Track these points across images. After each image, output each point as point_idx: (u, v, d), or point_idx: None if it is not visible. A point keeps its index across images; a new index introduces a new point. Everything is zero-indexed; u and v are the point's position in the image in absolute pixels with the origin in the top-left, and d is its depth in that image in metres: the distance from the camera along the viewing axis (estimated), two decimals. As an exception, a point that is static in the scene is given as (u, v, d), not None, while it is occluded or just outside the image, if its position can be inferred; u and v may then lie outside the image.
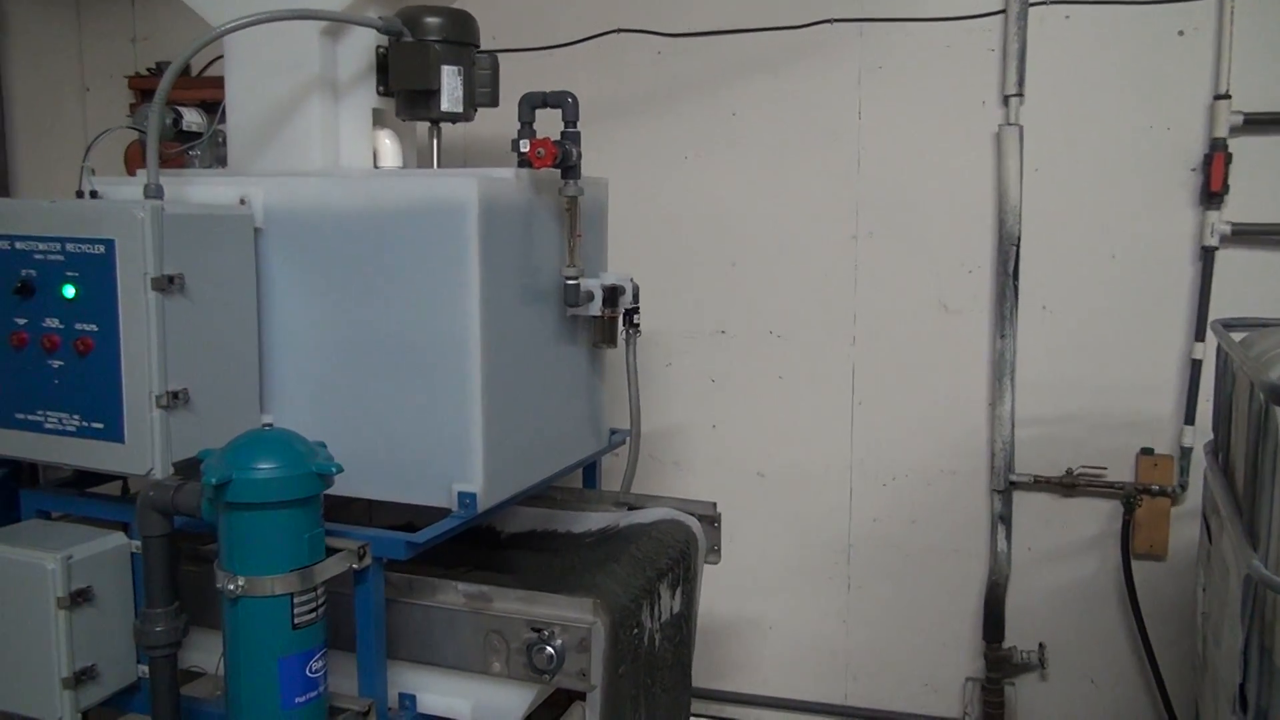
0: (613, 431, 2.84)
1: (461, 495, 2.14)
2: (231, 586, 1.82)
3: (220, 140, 2.58)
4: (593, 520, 2.73)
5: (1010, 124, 3.10)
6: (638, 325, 2.67)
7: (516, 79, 2.51)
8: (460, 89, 2.38)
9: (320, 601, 1.90)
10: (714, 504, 2.72)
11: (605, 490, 2.88)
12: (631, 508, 2.75)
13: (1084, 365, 3.15)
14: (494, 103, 2.47)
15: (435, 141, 2.46)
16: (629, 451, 2.82)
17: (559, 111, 2.36)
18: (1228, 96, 2.92)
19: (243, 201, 2.24)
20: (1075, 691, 3.26)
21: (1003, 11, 3.10)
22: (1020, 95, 3.09)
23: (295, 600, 1.84)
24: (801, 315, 3.39)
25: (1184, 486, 3.09)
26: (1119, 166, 3.07)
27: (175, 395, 2.03)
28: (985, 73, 3.14)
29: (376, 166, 2.44)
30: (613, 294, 2.50)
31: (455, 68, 2.36)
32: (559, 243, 2.42)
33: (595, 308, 2.47)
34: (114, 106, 4.00)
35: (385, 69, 2.38)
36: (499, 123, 2.68)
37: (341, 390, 2.24)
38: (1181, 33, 2.98)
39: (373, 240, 2.17)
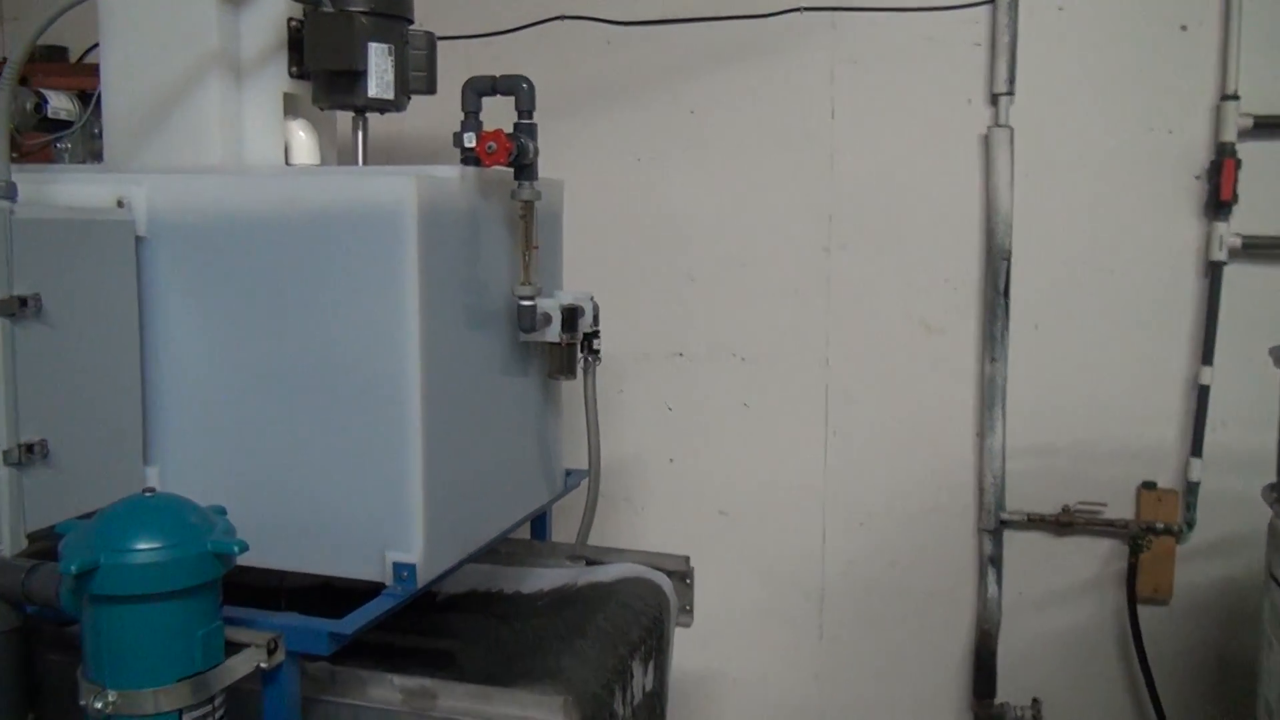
0: (567, 472, 2.46)
1: (398, 567, 1.74)
2: (99, 704, 1.39)
3: (96, 131, 2.14)
4: (545, 578, 2.34)
5: (1000, 125, 2.81)
6: (598, 351, 2.30)
7: (446, 71, 2.13)
8: (391, 71, 1.98)
9: (219, 714, 1.48)
10: (686, 558, 2.37)
11: (558, 542, 2.49)
12: (590, 562, 2.39)
13: (1079, 391, 2.88)
14: (430, 89, 2.08)
15: (360, 134, 2.06)
16: (587, 496, 2.44)
17: (503, 102, 1.99)
18: (1236, 97, 2.66)
19: (121, 203, 1.81)
20: (1073, 750, 2.98)
21: (991, 1, 2.81)
22: (1011, 94, 2.80)
23: (185, 719, 1.42)
24: (768, 336, 3.06)
25: (1190, 524, 2.82)
26: (1117, 173, 2.80)
27: (30, 449, 1.60)
28: (971, 69, 2.85)
29: (289, 164, 2.03)
30: (572, 316, 2.12)
31: (385, 45, 1.97)
32: (510, 256, 2.04)
33: (553, 333, 2.09)
34: (-22, 98, 3.48)
35: (299, 46, 1.98)
36: (429, 117, 2.32)
37: (246, 438, 1.82)
38: (1185, 27, 2.73)
39: (286, 252, 1.77)
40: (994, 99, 2.82)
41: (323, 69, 1.97)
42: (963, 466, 2.97)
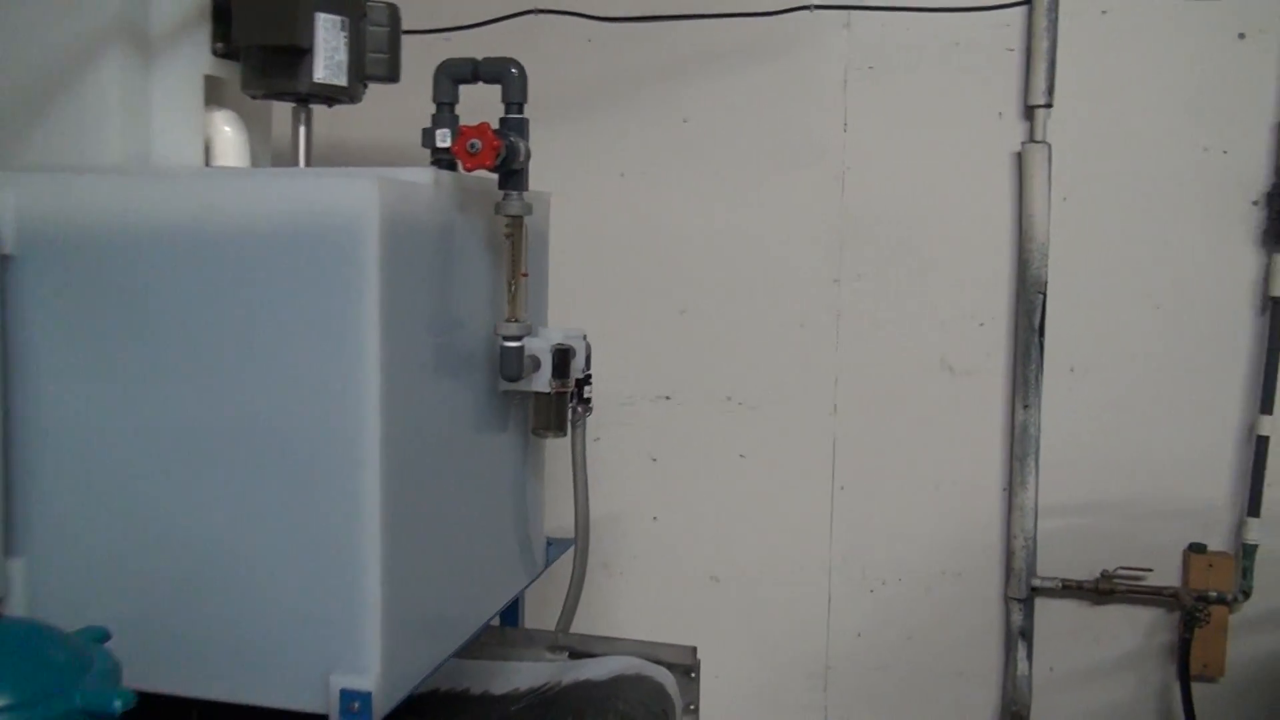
0: (549, 542, 2.06)
1: (347, 695, 1.32)
2: None
3: (-34, 123, 1.70)
4: (521, 674, 1.94)
5: (1036, 141, 2.49)
6: (589, 401, 1.91)
7: (403, 70, 1.74)
8: (343, 50, 1.58)
9: None
10: (692, 649, 1.98)
11: (534, 629, 2.08)
12: (575, 653, 1.99)
13: (1121, 441, 2.55)
14: (393, 75, 1.68)
15: (302, 130, 1.65)
16: (572, 573, 2.04)
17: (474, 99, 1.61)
18: (1300, 114, 2.38)
19: (-19, 211, 1.38)
20: None
21: (1028, 2, 2.49)
22: (1049, 106, 2.48)
23: None
24: (769, 377, 2.70)
25: (1246, 592, 2.50)
26: (1166, 198, 2.49)
27: None
28: (1004, 77, 2.53)
29: (209, 165, 1.62)
30: (564, 359, 1.73)
31: (337, 18, 1.56)
32: (491, 285, 1.64)
33: (542, 380, 1.70)
34: None
35: (227, 15, 1.57)
36: (381, 121, 1.95)
37: (143, 521, 1.38)
38: (1243, 35, 2.43)
39: (204, 278, 1.35)
40: (1029, 112, 2.50)
41: (256, 45, 1.56)
42: (989, 526, 2.63)
